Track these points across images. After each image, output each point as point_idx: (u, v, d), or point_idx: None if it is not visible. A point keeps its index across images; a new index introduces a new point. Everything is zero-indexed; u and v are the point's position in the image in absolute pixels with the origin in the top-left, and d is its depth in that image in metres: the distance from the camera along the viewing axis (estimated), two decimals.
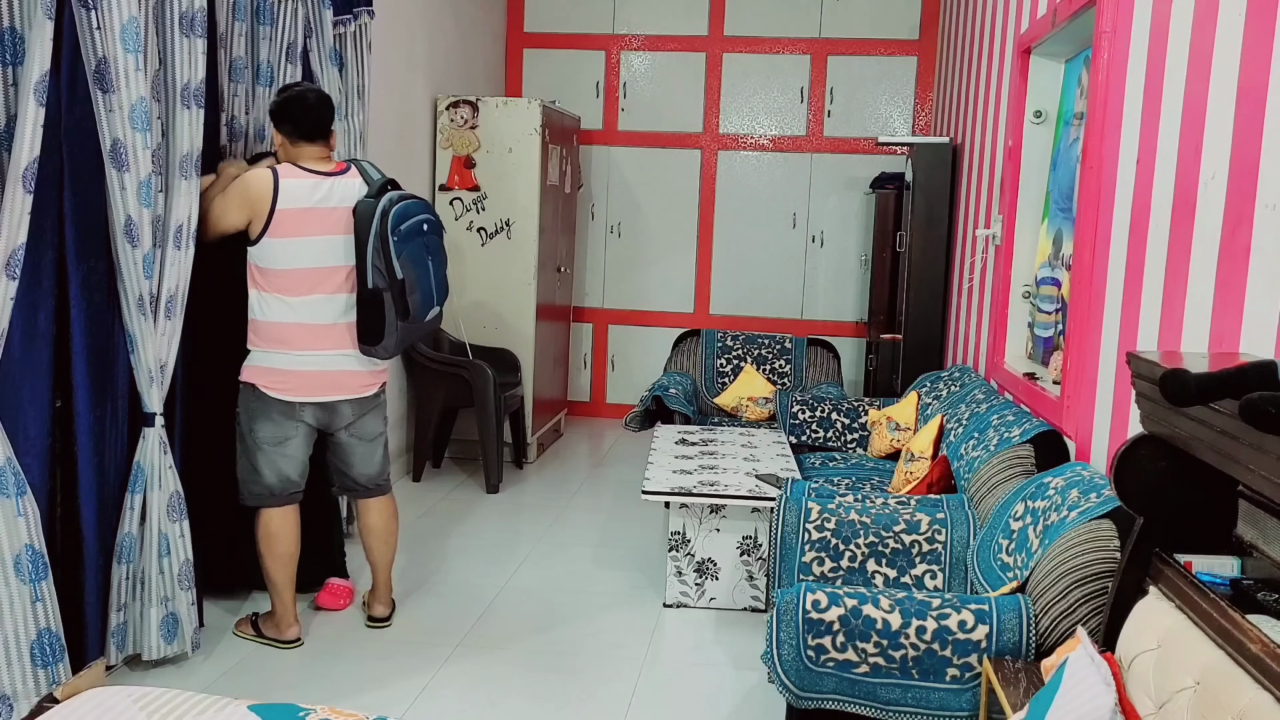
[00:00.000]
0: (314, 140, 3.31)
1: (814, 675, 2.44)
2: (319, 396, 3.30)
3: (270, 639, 3.40)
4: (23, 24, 2.57)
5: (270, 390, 3.25)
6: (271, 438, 3.29)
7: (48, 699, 1.85)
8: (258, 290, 3.24)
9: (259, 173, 3.23)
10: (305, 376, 3.26)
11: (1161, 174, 2.64)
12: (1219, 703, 1.64)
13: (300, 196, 3.21)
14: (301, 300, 3.23)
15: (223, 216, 3.21)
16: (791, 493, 3.37)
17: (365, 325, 3.29)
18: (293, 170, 3.25)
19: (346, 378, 3.33)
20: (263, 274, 3.23)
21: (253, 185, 3.20)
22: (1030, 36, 4.05)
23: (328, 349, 3.28)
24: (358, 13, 4.19)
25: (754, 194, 6.99)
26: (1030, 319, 4.16)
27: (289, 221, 3.19)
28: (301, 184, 3.23)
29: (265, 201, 3.18)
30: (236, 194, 3.20)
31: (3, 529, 2.59)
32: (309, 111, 3.30)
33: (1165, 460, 1.99)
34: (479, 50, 6.53)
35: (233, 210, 3.20)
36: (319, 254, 3.24)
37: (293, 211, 3.20)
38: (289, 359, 3.24)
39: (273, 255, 3.20)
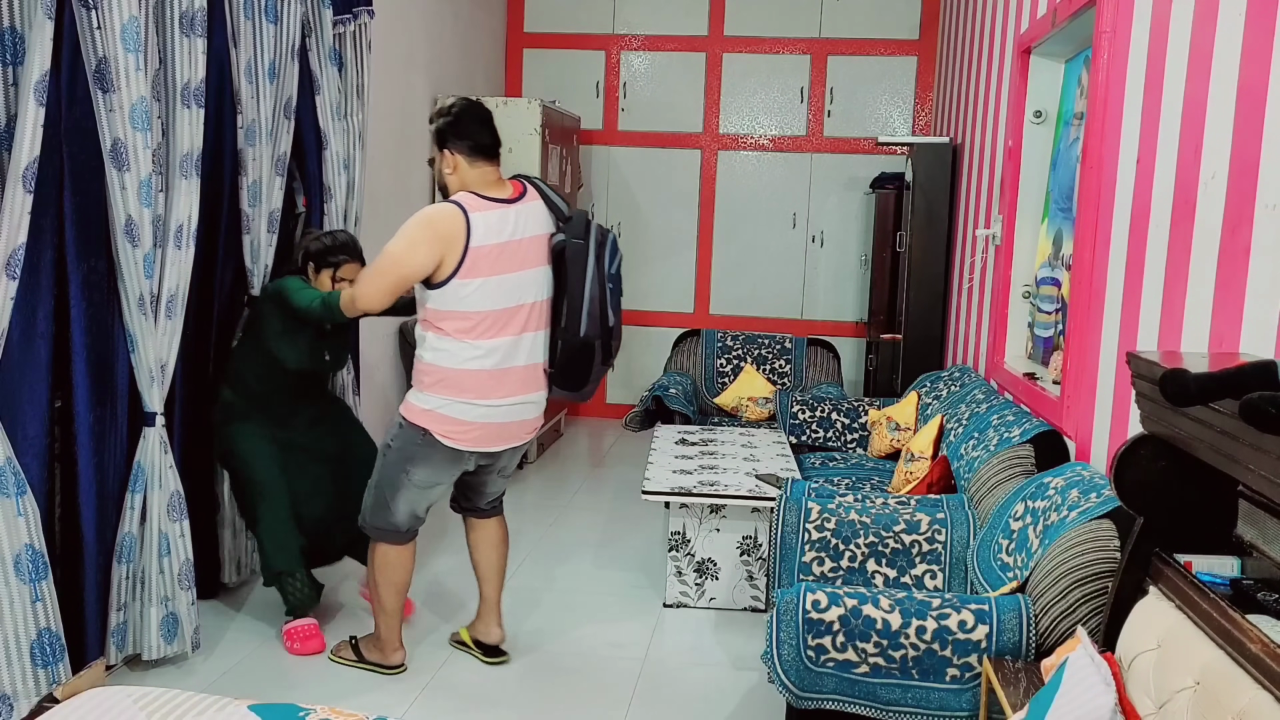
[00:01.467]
0: (492, 159, 2.99)
1: (814, 675, 2.44)
2: (494, 447, 3.06)
3: (374, 664, 3.26)
4: (23, 24, 2.57)
5: (444, 439, 2.96)
6: (426, 481, 3.05)
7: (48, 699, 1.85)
8: (437, 334, 2.91)
9: (444, 208, 2.88)
10: (487, 429, 2.98)
11: (1161, 174, 2.64)
12: (1219, 703, 1.64)
13: (493, 231, 2.88)
14: (490, 344, 2.91)
15: (403, 265, 2.85)
16: (791, 493, 3.37)
17: (570, 374, 3.04)
18: (478, 201, 2.90)
19: (522, 427, 3.08)
20: (446, 318, 2.89)
21: (441, 222, 2.85)
22: (1030, 36, 4.05)
23: (514, 395, 2.99)
24: (357, 12, 4.19)
25: (754, 194, 6.99)
26: (1030, 319, 4.16)
27: (483, 260, 2.86)
28: (491, 216, 2.89)
29: (459, 240, 2.83)
30: (421, 233, 2.84)
31: (3, 529, 2.59)
32: (486, 124, 2.99)
33: (1165, 460, 1.99)
34: (479, 50, 6.53)
35: (419, 254, 2.83)
36: (510, 293, 2.92)
37: (487, 249, 2.86)
38: (472, 409, 2.94)
39: (462, 298, 2.87)
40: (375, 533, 3.15)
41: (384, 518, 3.11)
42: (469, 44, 6.31)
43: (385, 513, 3.10)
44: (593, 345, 3.01)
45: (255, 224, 3.68)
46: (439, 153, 3.01)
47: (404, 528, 3.14)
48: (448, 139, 2.97)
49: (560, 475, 5.70)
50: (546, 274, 3.02)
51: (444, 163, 3.00)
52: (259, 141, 3.64)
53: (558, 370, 3.06)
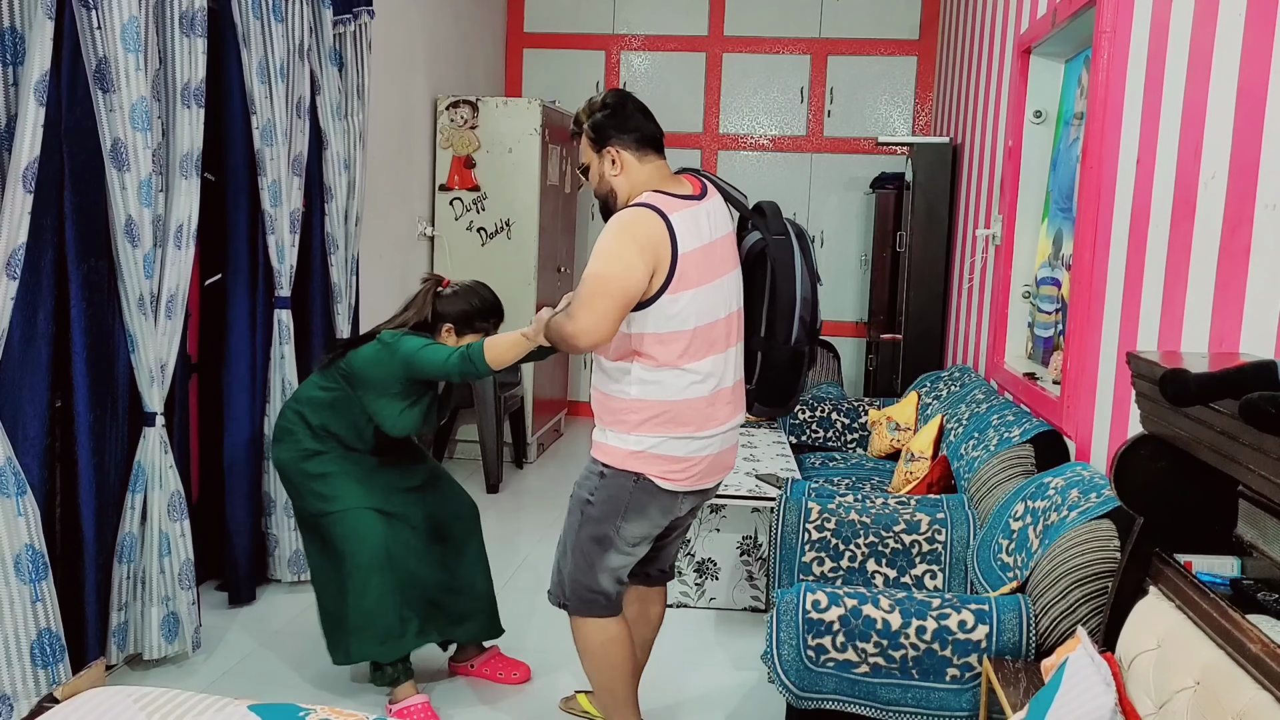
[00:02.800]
0: (661, 152, 2.55)
1: (814, 675, 2.44)
2: (711, 482, 2.59)
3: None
4: (23, 24, 2.57)
5: (662, 480, 2.47)
6: (636, 536, 2.54)
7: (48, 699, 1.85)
8: (646, 364, 2.42)
9: (638, 213, 2.39)
10: (704, 463, 2.51)
11: (1161, 174, 2.64)
12: (1219, 703, 1.64)
13: (694, 233, 2.42)
14: (705, 366, 2.45)
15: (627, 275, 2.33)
16: (791, 493, 3.37)
17: (779, 388, 2.64)
18: (670, 200, 2.42)
19: (730, 455, 2.62)
20: (656, 343, 2.40)
21: (641, 229, 2.36)
22: (1030, 36, 4.05)
23: (728, 421, 2.53)
24: (357, 12, 4.19)
25: (754, 194, 6.91)
26: (1030, 319, 4.16)
27: (692, 268, 2.40)
28: (688, 216, 2.42)
29: (665, 247, 2.36)
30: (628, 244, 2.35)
31: (3, 529, 2.59)
32: (647, 113, 2.55)
33: (1165, 460, 1.99)
34: (479, 50, 6.53)
35: (636, 260, 2.33)
36: (716, 304, 2.47)
37: (694, 255, 2.41)
38: (691, 443, 2.47)
39: (672, 315, 2.39)
40: (582, 607, 2.58)
41: (588, 587, 2.56)
42: (469, 44, 6.31)
43: (589, 581, 2.56)
44: (803, 353, 2.64)
45: (279, 224, 3.69)
46: (596, 154, 2.53)
47: (613, 596, 2.59)
48: (609, 134, 2.49)
49: (560, 475, 5.70)
50: (740, 278, 2.59)
51: (604, 163, 2.52)
52: (275, 141, 3.64)
53: (763, 387, 2.64)
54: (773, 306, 2.59)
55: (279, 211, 3.70)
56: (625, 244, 2.35)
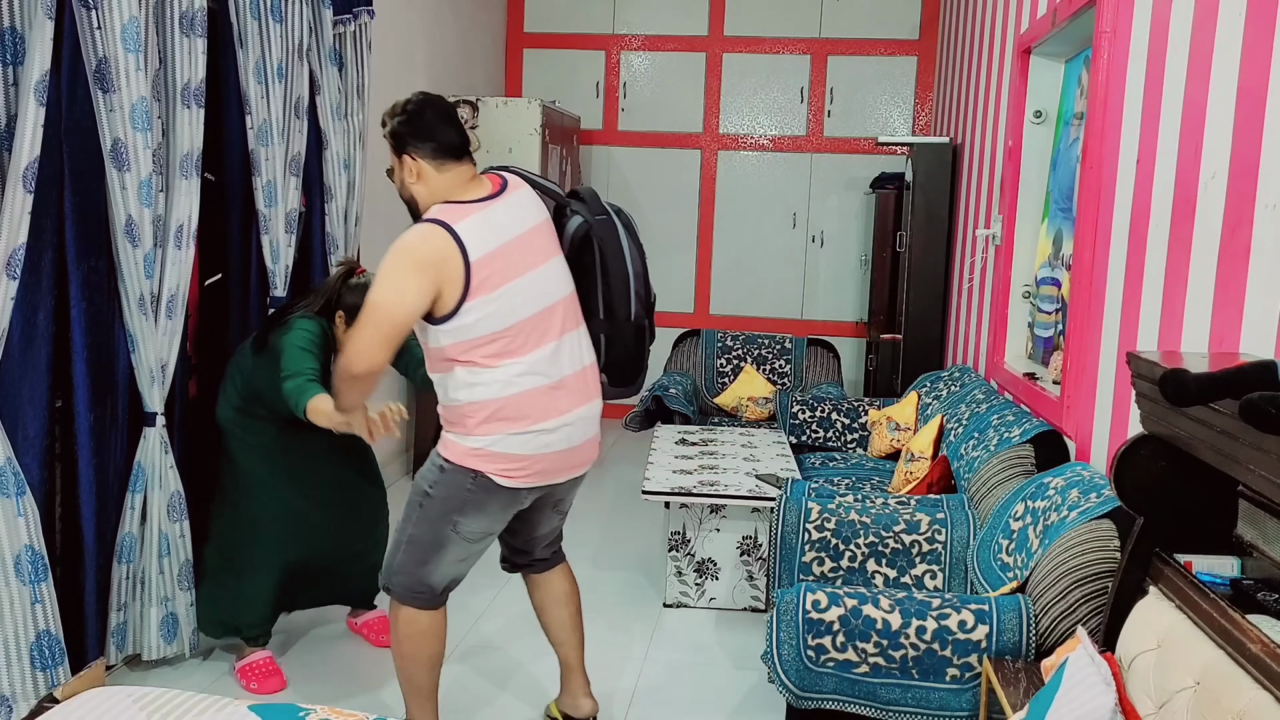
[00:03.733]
0: (461, 158, 2.55)
1: (814, 675, 2.44)
2: (556, 479, 2.59)
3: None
4: (23, 24, 2.57)
5: (500, 477, 2.48)
6: (476, 532, 2.56)
7: (48, 699, 1.85)
8: (469, 368, 2.44)
9: (423, 231, 2.42)
10: (546, 460, 2.52)
11: (1161, 174, 2.64)
12: (1219, 703, 1.64)
13: (487, 236, 2.44)
14: (534, 357, 2.47)
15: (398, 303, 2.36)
16: (791, 493, 3.37)
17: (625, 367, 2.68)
18: (457, 210, 2.45)
19: (585, 450, 2.61)
20: (473, 348, 2.43)
21: (424, 248, 2.39)
22: (1030, 36, 4.05)
23: (571, 411, 2.53)
24: (357, 12, 4.19)
25: (754, 194, 6.99)
26: (1030, 319, 4.17)
27: (489, 272, 2.42)
28: (476, 220, 2.45)
29: (454, 261, 2.38)
30: (405, 269, 2.38)
31: (3, 529, 2.59)
32: (449, 120, 2.55)
33: (1165, 460, 2.00)
34: (479, 50, 6.53)
35: (410, 284, 2.36)
36: (535, 295, 2.49)
37: (490, 257, 2.43)
38: (527, 439, 2.47)
39: (479, 321, 2.42)
40: (407, 595, 2.61)
41: (419, 579, 2.59)
42: (469, 44, 6.31)
43: (420, 573, 2.58)
44: (643, 327, 2.69)
45: (273, 224, 3.69)
46: (397, 160, 2.58)
47: (440, 591, 2.63)
48: (406, 142, 2.53)
49: None
50: (562, 263, 2.61)
51: (404, 170, 2.56)
52: (271, 142, 3.64)
53: (611, 368, 2.68)
54: (607, 287, 2.65)
55: (274, 211, 3.70)
56: (401, 268, 2.39)
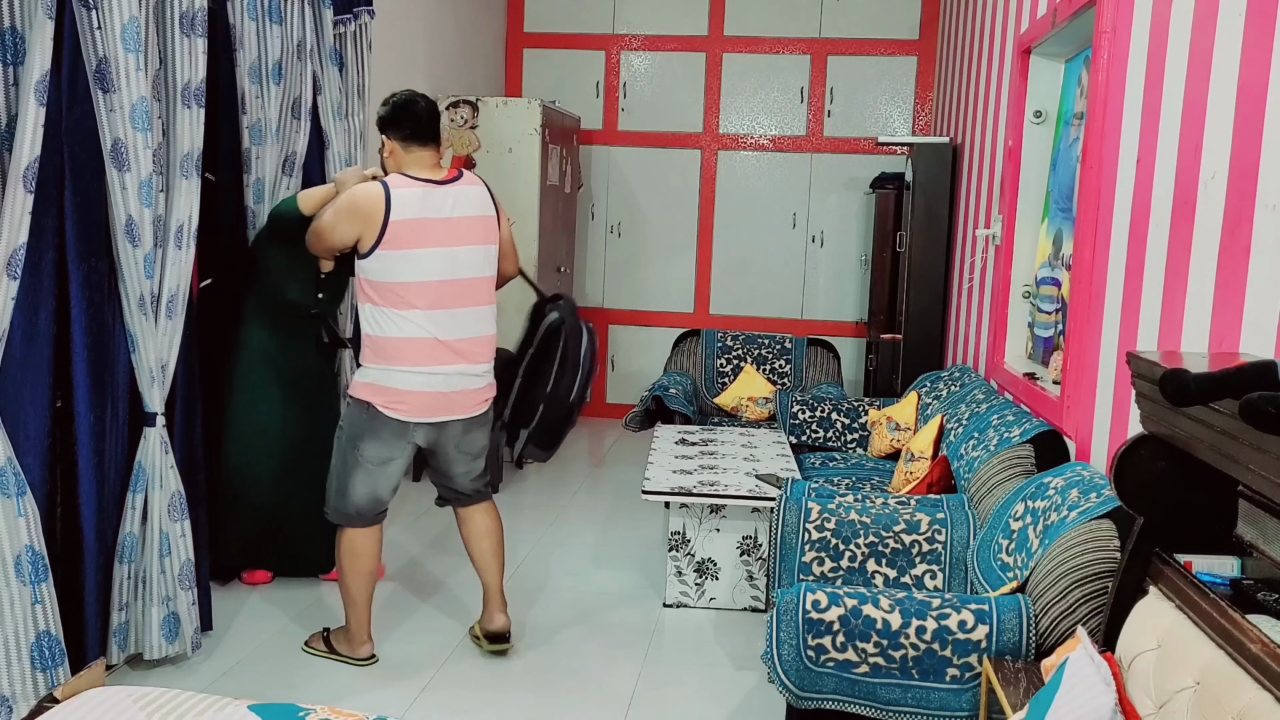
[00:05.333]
0: (426, 144, 3.18)
1: (814, 675, 2.44)
2: (436, 417, 3.17)
3: (344, 656, 3.32)
4: (23, 24, 2.57)
5: (386, 410, 3.10)
6: (377, 457, 3.16)
7: (48, 699, 1.85)
8: (372, 305, 3.10)
9: (368, 186, 3.12)
10: (424, 397, 3.12)
11: (1161, 174, 2.65)
12: (1219, 703, 1.64)
13: (413, 207, 3.07)
14: (427, 315, 3.08)
15: (331, 232, 3.14)
16: (791, 493, 3.37)
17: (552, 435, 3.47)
18: (403, 180, 3.11)
19: (463, 397, 3.20)
20: (377, 288, 3.08)
21: (361, 199, 3.08)
22: (1030, 36, 4.05)
23: (456, 364, 3.14)
24: (358, 12, 4.20)
25: (754, 194, 6.99)
26: (1030, 319, 4.17)
27: (404, 233, 3.05)
28: (413, 193, 3.08)
29: (378, 214, 3.04)
30: (345, 210, 3.11)
31: (3, 529, 2.59)
32: (421, 114, 3.19)
33: (1165, 460, 2.00)
34: (479, 50, 6.53)
35: (341, 226, 3.11)
36: (442, 266, 3.10)
37: (407, 223, 3.05)
38: (408, 377, 3.09)
39: (388, 269, 3.06)
40: (338, 517, 3.24)
41: (345, 502, 3.21)
42: (469, 44, 6.31)
43: (345, 497, 3.21)
44: (573, 408, 3.41)
45: (260, 220, 3.71)
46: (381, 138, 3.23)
47: (365, 511, 3.22)
48: (386, 127, 3.19)
49: (560, 475, 5.70)
50: (489, 253, 3.22)
51: (385, 149, 3.22)
52: (264, 141, 3.65)
53: (540, 431, 3.40)
54: (561, 370, 3.38)
55: (262, 209, 3.71)
56: (341, 211, 3.11)
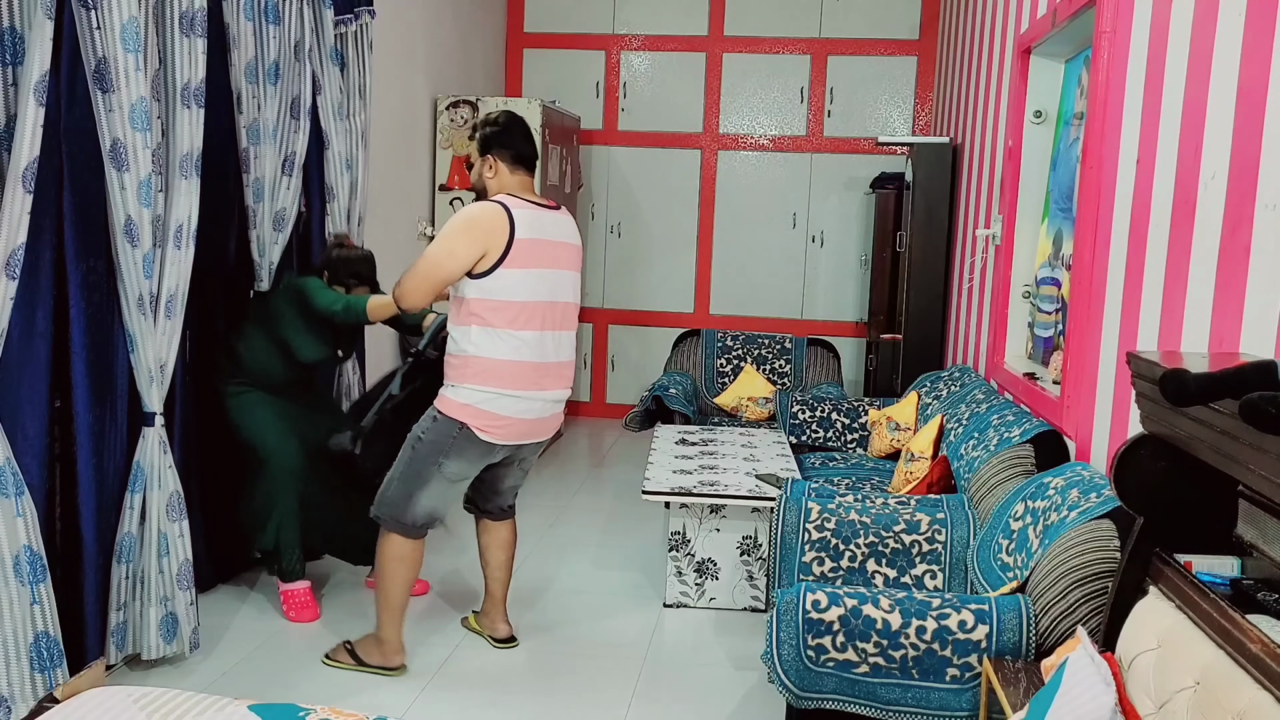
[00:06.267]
0: (530, 168, 3.19)
1: (814, 675, 2.44)
2: (522, 440, 3.17)
3: (373, 666, 3.24)
4: (23, 24, 2.57)
5: (481, 432, 3.05)
6: (456, 474, 3.13)
7: (48, 699, 1.85)
8: (482, 326, 3.01)
9: (486, 206, 3.05)
10: (519, 424, 3.09)
11: (1161, 174, 2.64)
12: (1219, 703, 1.64)
13: (532, 227, 3.05)
14: (531, 336, 3.05)
15: (448, 260, 2.98)
16: (791, 493, 3.37)
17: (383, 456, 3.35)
18: (518, 201, 3.08)
19: (549, 423, 3.21)
20: (491, 309, 3.00)
21: (483, 217, 3.01)
22: (1030, 36, 4.05)
23: (550, 390, 3.13)
24: (358, 12, 4.19)
25: (754, 194, 6.99)
26: (1030, 319, 4.16)
27: (525, 252, 3.02)
28: (529, 213, 3.07)
29: (502, 231, 2.99)
30: (462, 230, 3.00)
31: (2, 530, 2.59)
32: (528, 139, 3.19)
33: (1165, 460, 1.99)
34: (479, 50, 6.53)
35: (461, 249, 2.98)
36: (548, 287, 3.09)
37: (528, 242, 3.03)
38: (510, 402, 3.04)
39: (506, 287, 3.00)
40: (392, 524, 3.17)
41: (404, 510, 3.14)
42: (469, 44, 6.31)
43: (406, 505, 3.14)
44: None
45: (260, 220, 3.70)
46: (480, 158, 3.17)
47: (421, 523, 3.18)
48: (492, 145, 3.15)
49: (560, 475, 5.70)
50: (578, 279, 3.24)
51: (485, 167, 3.16)
52: (262, 141, 3.64)
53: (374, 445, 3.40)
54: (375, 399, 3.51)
55: (261, 207, 3.70)
56: (459, 232, 3.00)
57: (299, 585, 3.66)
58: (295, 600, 3.64)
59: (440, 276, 3.01)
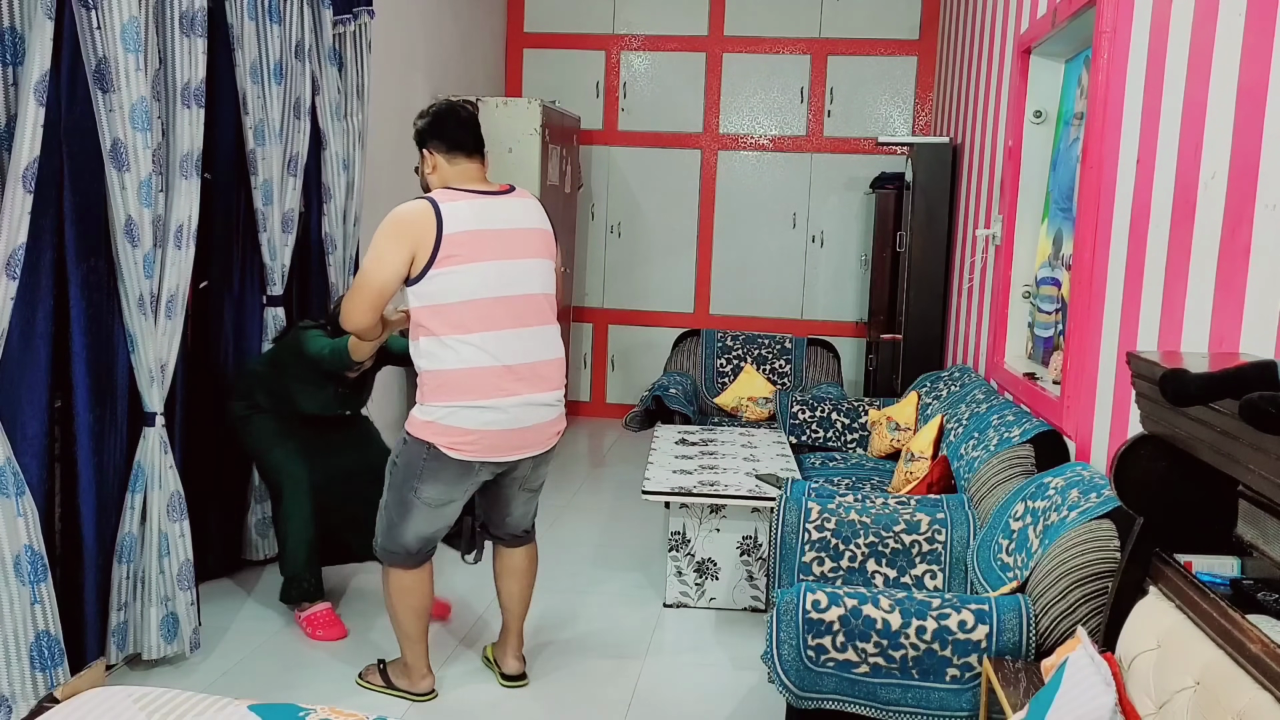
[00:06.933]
0: (471, 154, 2.94)
1: (814, 675, 2.44)
2: (505, 457, 2.89)
3: (403, 690, 3.11)
4: (23, 24, 2.57)
5: (450, 451, 2.81)
6: (436, 499, 2.90)
7: (48, 699, 1.85)
8: (430, 336, 2.79)
9: (410, 205, 2.81)
10: (495, 436, 2.82)
11: (1161, 174, 2.64)
12: (1219, 703, 1.64)
13: (467, 219, 2.79)
14: (485, 337, 2.78)
15: (379, 269, 2.76)
16: (791, 493, 3.37)
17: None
18: (450, 193, 2.84)
19: (534, 433, 2.91)
20: (432, 315, 2.78)
21: (405, 216, 2.78)
22: (1030, 36, 4.05)
23: (522, 394, 2.84)
24: (357, 12, 4.20)
25: (754, 194, 6.99)
26: (1030, 319, 4.16)
27: (460, 247, 2.76)
28: (464, 205, 2.81)
29: (428, 229, 2.75)
30: (386, 238, 2.77)
31: (2, 529, 2.59)
32: (463, 124, 2.95)
33: (1165, 460, 1.99)
34: (479, 50, 6.53)
35: (389, 255, 2.75)
36: (500, 282, 2.82)
37: (462, 235, 2.77)
38: (472, 414, 2.78)
39: (443, 289, 2.76)
40: (386, 556, 3.01)
41: (394, 540, 2.97)
42: (469, 44, 6.31)
43: (393, 534, 2.97)
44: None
45: (270, 223, 3.71)
46: (420, 154, 3.00)
47: (414, 550, 2.98)
48: (426, 139, 2.96)
49: (560, 475, 5.70)
50: (548, 268, 2.96)
51: (424, 163, 2.98)
52: (268, 142, 3.64)
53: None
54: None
55: (270, 210, 3.71)
56: (384, 238, 2.79)
57: (319, 607, 3.55)
58: (318, 621, 3.52)
59: (375, 288, 2.78)
